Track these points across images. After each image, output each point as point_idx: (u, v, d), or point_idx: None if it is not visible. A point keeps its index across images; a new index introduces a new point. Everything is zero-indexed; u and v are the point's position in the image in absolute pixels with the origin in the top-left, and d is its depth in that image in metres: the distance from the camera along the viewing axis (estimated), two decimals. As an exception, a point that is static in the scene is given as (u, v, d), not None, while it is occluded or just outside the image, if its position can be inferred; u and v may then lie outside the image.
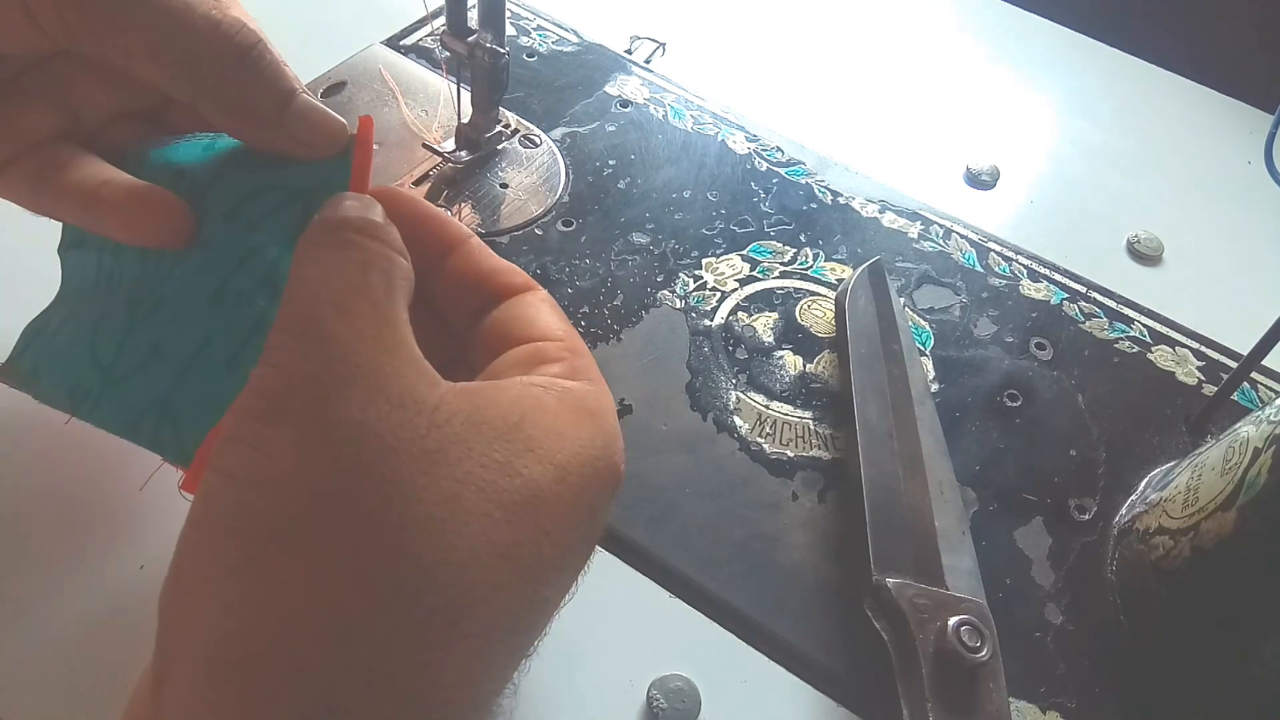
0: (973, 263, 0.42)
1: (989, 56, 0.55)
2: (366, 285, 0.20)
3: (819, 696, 0.28)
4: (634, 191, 0.42)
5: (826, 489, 0.33)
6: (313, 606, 0.17)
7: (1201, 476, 0.29)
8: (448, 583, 0.18)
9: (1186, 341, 0.40)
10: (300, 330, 0.19)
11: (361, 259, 0.20)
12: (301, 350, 0.19)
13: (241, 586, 0.17)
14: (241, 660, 0.17)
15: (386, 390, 0.18)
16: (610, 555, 0.30)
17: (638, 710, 0.27)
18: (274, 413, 0.18)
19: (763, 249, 0.40)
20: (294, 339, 0.19)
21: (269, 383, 0.18)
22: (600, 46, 0.49)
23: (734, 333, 0.37)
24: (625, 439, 0.33)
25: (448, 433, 0.18)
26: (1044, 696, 0.29)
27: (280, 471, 0.18)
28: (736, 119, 0.46)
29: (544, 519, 0.19)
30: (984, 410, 0.36)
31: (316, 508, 0.17)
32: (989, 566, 0.30)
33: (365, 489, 0.17)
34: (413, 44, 0.47)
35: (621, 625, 0.29)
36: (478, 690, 0.19)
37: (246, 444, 0.18)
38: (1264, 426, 0.28)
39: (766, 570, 0.30)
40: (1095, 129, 0.52)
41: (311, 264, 0.20)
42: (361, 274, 0.20)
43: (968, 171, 0.47)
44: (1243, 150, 0.51)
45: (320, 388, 0.18)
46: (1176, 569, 0.29)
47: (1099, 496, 0.34)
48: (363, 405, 0.18)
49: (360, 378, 0.18)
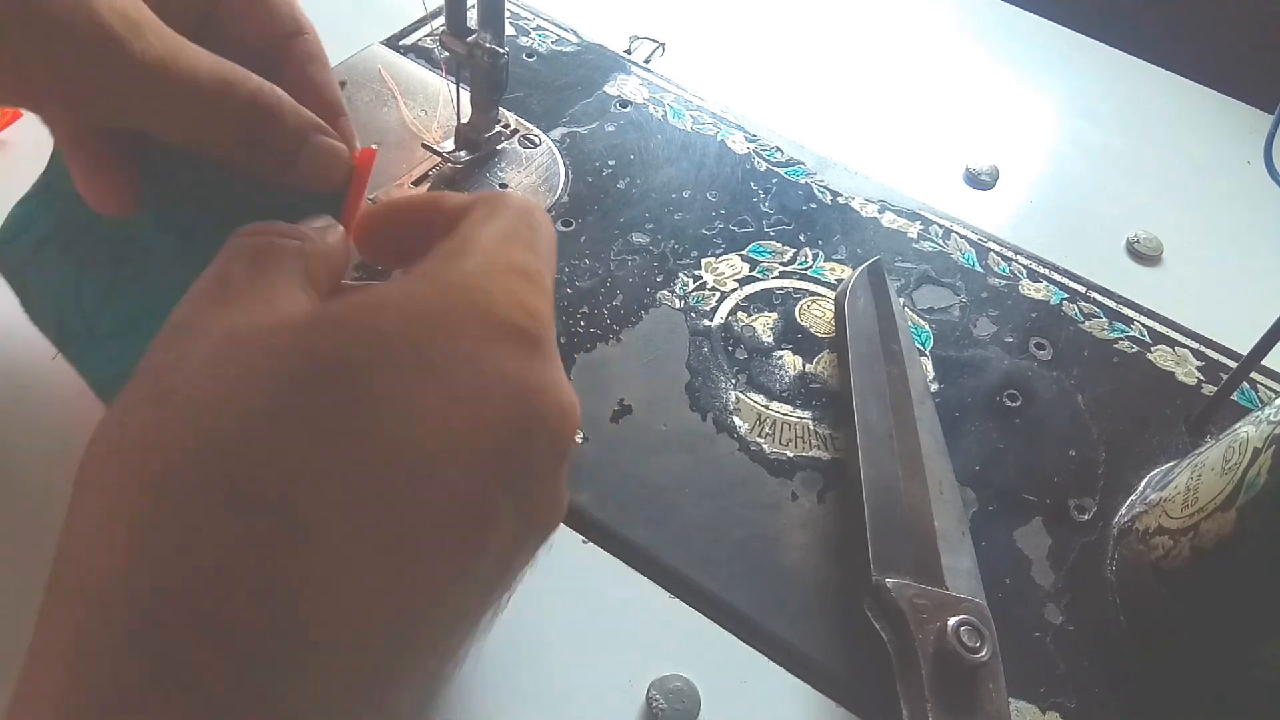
0: (972, 263, 0.42)
1: (989, 56, 0.55)
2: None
3: (818, 696, 0.28)
4: (633, 191, 0.42)
5: (826, 489, 0.33)
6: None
7: (1201, 477, 0.29)
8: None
9: (1186, 341, 0.40)
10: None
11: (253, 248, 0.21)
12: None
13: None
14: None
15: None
16: (609, 555, 0.30)
17: (637, 710, 0.27)
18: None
19: (762, 249, 0.40)
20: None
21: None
22: (600, 46, 0.49)
23: (733, 333, 0.37)
24: (625, 439, 0.33)
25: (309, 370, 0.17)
26: (1044, 696, 0.29)
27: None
28: (736, 119, 0.46)
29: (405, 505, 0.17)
30: (984, 410, 0.36)
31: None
32: (989, 566, 0.30)
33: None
34: (412, 44, 0.47)
35: (621, 625, 0.29)
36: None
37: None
38: (1264, 426, 0.28)
39: (766, 570, 0.30)
40: (1095, 129, 0.52)
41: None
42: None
43: (967, 171, 0.47)
44: (1242, 150, 0.51)
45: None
46: (1176, 569, 0.29)
47: (1099, 496, 0.34)
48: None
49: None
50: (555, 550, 0.30)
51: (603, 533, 0.31)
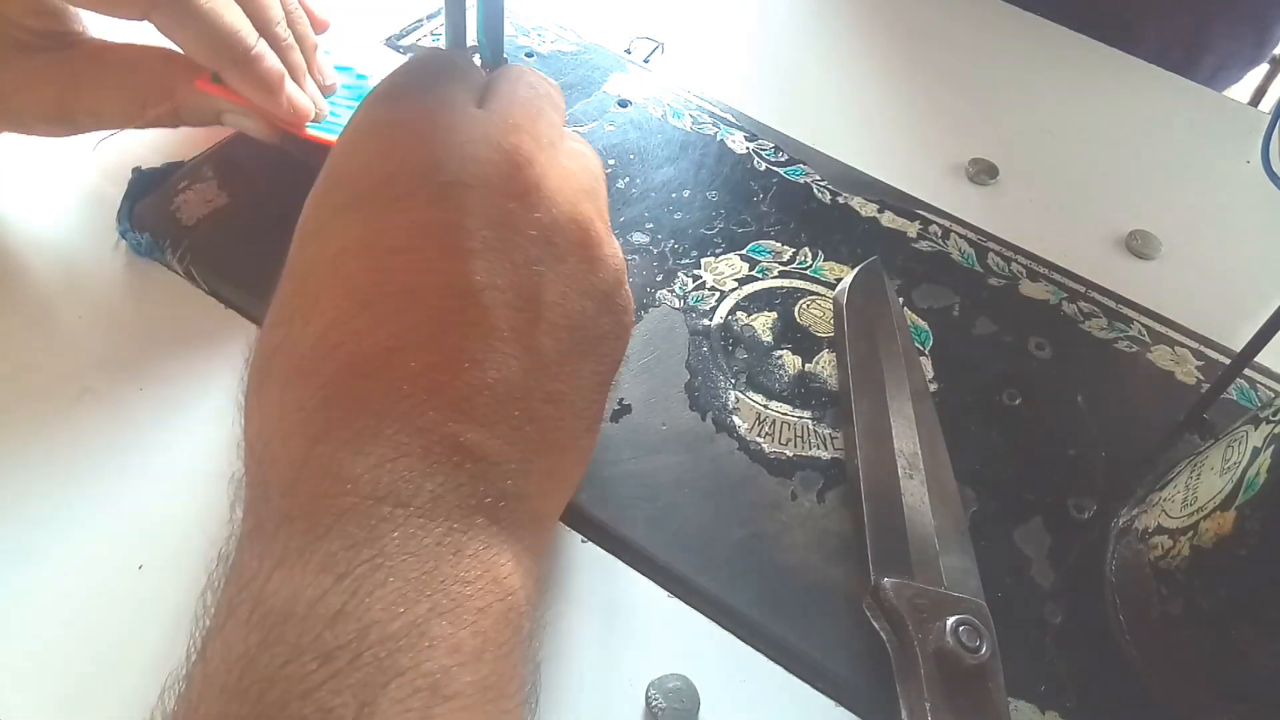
0: (972, 262, 0.42)
1: (989, 56, 0.55)
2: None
3: (818, 696, 0.28)
4: (633, 191, 0.42)
5: (825, 489, 0.33)
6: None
7: (1200, 476, 0.29)
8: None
9: (1186, 341, 0.40)
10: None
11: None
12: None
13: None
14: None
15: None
16: (608, 554, 0.30)
17: (636, 710, 0.27)
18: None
19: (762, 248, 0.40)
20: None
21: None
22: (599, 46, 0.49)
23: (733, 332, 0.37)
24: (624, 438, 0.33)
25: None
26: (1043, 696, 0.29)
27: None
28: (736, 119, 0.46)
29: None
30: (983, 410, 0.36)
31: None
32: (988, 566, 0.30)
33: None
34: (412, 44, 0.47)
35: (619, 625, 0.29)
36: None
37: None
38: (1263, 426, 0.28)
39: (765, 570, 0.30)
40: (1095, 128, 0.52)
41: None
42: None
43: (967, 171, 0.47)
44: (1242, 150, 0.51)
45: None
46: (1175, 568, 0.29)
47: (1098, 496, 0.34)
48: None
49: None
50: (554, 550, 0.30)
51: (601, 532, 0.31)
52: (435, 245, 0.22)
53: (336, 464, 0.20)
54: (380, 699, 0.17)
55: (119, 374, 0.32)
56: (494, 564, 0.21)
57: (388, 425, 0.21)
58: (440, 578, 0.19)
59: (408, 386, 0.21)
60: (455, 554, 0.20)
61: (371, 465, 0.20)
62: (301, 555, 0.19)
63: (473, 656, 0.19)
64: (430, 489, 0.20)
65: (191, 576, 0.27)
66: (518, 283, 0.23)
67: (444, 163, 0.23)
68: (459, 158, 0.23)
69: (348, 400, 0.21)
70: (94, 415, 0.31)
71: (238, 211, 0.37)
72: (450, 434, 0.21)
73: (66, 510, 0.29)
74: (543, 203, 0.24)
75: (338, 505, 0.19)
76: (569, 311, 0.24)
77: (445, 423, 0.21)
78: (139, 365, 0.33)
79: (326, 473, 0.20)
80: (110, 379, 0.32)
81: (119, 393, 0.32)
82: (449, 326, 0.22)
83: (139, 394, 0.32)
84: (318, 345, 0.22)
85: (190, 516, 0.29)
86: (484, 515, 0.21)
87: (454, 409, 0.21)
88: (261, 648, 0.18)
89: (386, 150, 0.23)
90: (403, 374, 0.21)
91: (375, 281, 0.22)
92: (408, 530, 0.19)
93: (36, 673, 0.26)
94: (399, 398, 0.21)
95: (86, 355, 0.33)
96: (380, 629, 0.18)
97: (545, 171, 0.24)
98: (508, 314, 0.22)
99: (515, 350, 0.22)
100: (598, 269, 0.25)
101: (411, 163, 0.23)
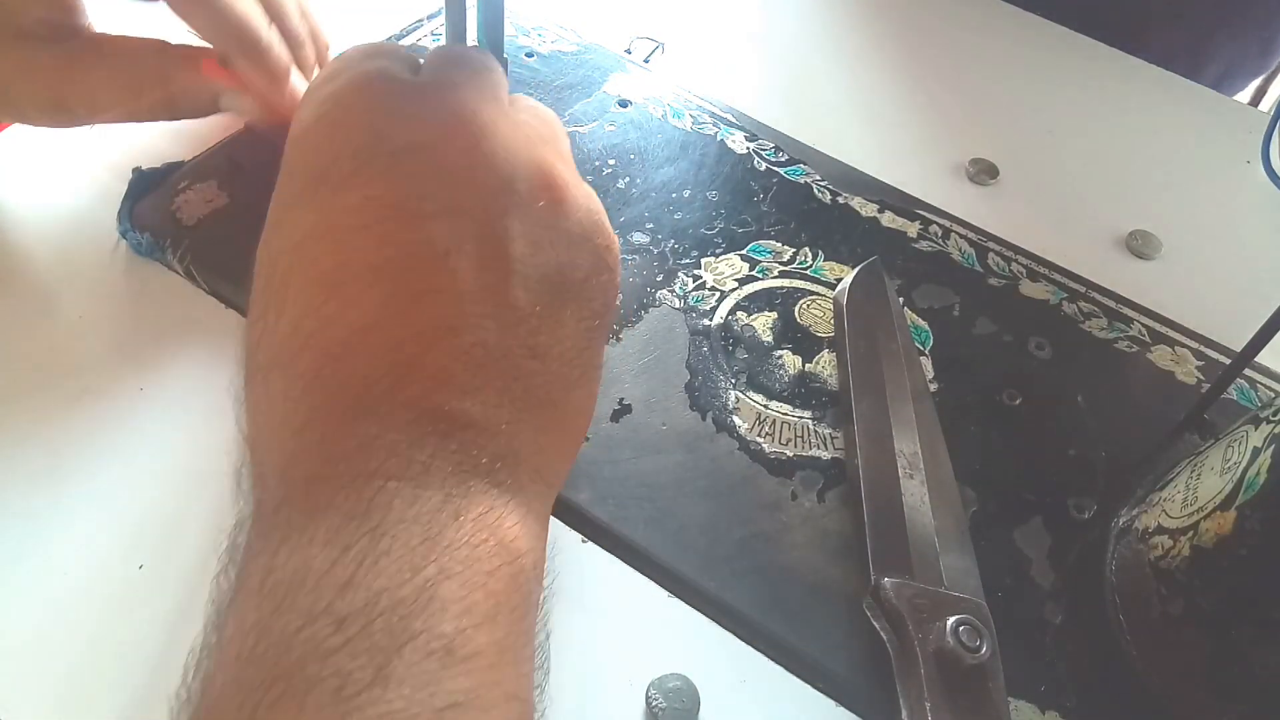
0: (972, 262, 0.42)
1: (989, 56, 0.55)
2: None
3: (818, 696, 0.28)
4: (633, 191, 0.42)
5: (826, 488, 0.33)
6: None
7: (1201, 476, 0.29)
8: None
9: (1186, 341, 0.40)
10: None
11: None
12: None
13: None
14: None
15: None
16: (608, 554, 0.30)
17: (636, 710, 0.27)
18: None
19: (762, 248, 0.40)
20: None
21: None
22: (599, 46, 0.49)
23: (733, 332, 0.37)
24: (624, 438, 0.33)
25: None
26: (1043, 696, 0.29)
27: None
28: (735, 118, 0.46)
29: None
30: (983, 410, 0.36)
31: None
32: (988, 566, 0.30)
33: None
34: (411, 44, 0.47)
35: (619, 625, 0.29)
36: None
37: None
38: (1263, 426, 0.28)
39: (765, 570, 0.30)
40: (1095, 128, 0.52)
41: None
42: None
43: (967, 171, 0.47)
44: (1242, 150, 0.51)
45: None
46: (1176, 568, 0.29)
47: (1098, 496, 0.34)
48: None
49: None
50: (554, 550, 0.30)
51: (601, 532, 0.31)
52: (392, 217, 0.22)
53: (325, 447, 0.20)
54: (395, 662, 0.17)
55: (119, 373, 0.32)
56: (498, 527, 0.21)
57: (369, 405, 0.21)
58: (445, 543, 0.19)
59: (384, 364, 0.21)
60: (456, 519, 0.20)
61: (358, 445, 0.20)
62: (304, 532, 0.19)
63: (486, 618, 0.19)
64: (421, 460, 0.20)
65: (191, 576, 0.27)
66: (482, 240, 0.23)
67: (387, 132, 0.23)
68: (401, 124, 0.23)
69: (328, 385, 0.21)
70: (94, 415, 0.31)
71: (238, 211, 0.37)
72: (433, 405, 0.21)
73: (66, 510, 0.29)
74: (495, 154, 0.23)
75: (331, 484, 0.20)
76: (540, 261, 0.23)
77: (427, 395, 0.21)
78: (139, 365, 0.33)
79: (316, 455, 0.20)
80: (110, 378, 0.32)
81: (119, 392, 0.32)
82: (418, 297, 0.22)
83: (139, 394, 0.32)
84: (292, 336, 0.22)
85: (190, 516, 0.29)
86: (480, 478, 0.21)
87: (433, 380, 0.21)
88: (275, 615, 0.18)
89: (330, 131, 0.23)
90: (377, 352, 0.21)
91: (339, 264, 0.22)
92: (404, 500, 0.20)
93: (36, 672, 0.26)
94: (377, 377, 0.21)
95: (86, 355, 0.33)
96: (390, 595, 0.18)
97: (493, 123, 0.24)
98: (476, 274, 0.22)
99: (488, 309, 0.22)
100: (567, 212, 0.25)
101: (355, 139, 0.23)
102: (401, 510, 0.19)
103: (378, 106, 0.23)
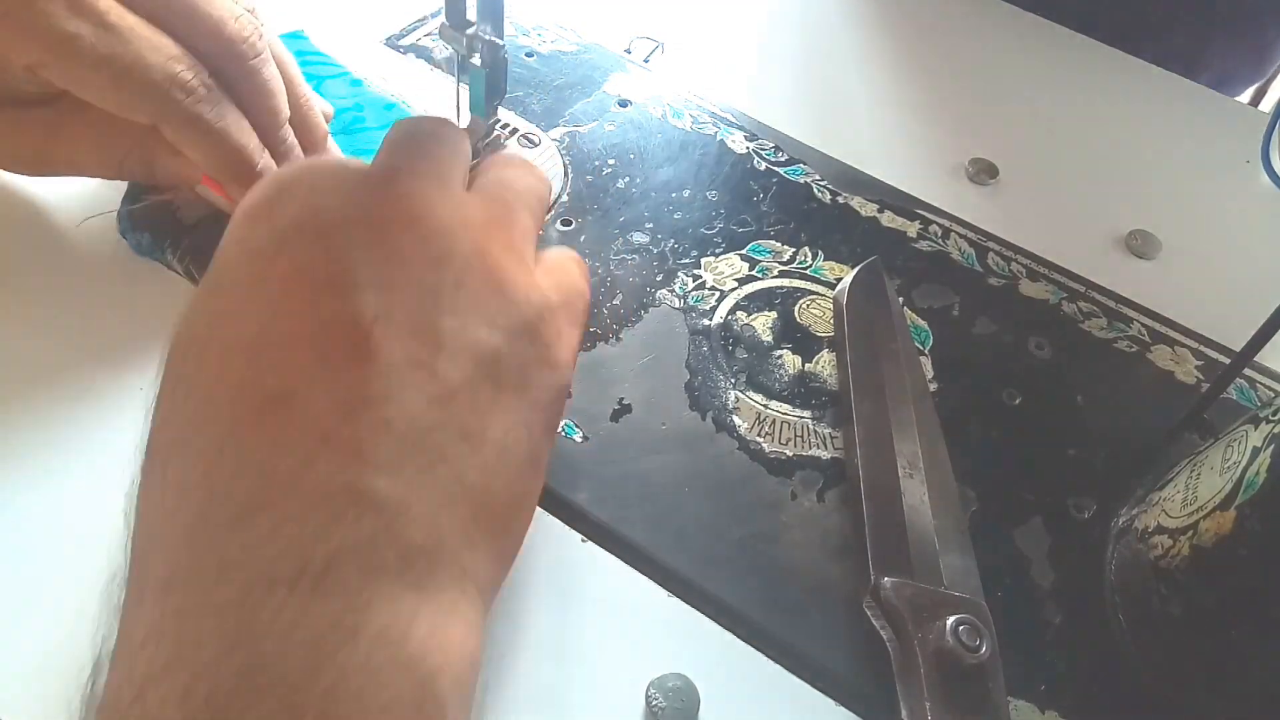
0: (972, 262, 0.42)
1: (989, 56, 0.55)
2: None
3: (818, 696, 0.28)
4: (633, 191, 0.42)
5: (825, 488, 0.33)
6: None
7: (1200, 476, 0.29)
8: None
9: (1185, 341, 0.40)
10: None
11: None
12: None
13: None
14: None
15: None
16: (608, 554, 0.30)
17: (636, 710, 0.27)
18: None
19: (762, 248, 0.40)
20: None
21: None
22: (599, 46, 0.49)
23: (733, 332, 0.37)
24: (624, 438, 0.33)
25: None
26: (1043, 696, 0.29)
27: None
28: (736, 118, 0.46)
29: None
30: (983, 410, 0.36)
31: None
32: (988, 566, 0.30)
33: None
34: (412, 44, 0.47)
35: (620, 624, 0.29)
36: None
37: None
38: (1263, 425, 0.28)
39: (765, 569, 0.30)
40: (1095, 128, 0.52)
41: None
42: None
43: (967, 171, 0.47)
44: (1242, 150, 0.51)
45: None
46: (1175, 568, 0.29)
47: (1098, 496, 0.34)
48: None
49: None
50: (554, 549, 0.30)
51: (601, 531, 0.31)
52: (321, 287, 0.21)
53: (218, 546, 0.18)
54: None
55: (119, 373, 0.32)
56: (404, 642, 0.18)
57: (274, 487, 0.19)
58: (334, 670, 0.17)
59: (297, 437, 0.19)
60: (352, 637, 0.18)
61: (253, 541, 0.18)
62: (168, 672, 0.17)
63: None
64: (322, 555, 0.18)
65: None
66: (412, 313, 0.22)
67: (323, 207, 0.23)
68: (338, 202, 0.23)
69: (231, 466, 0.19)
70: (94, 414, 0.31)
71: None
72: (346, 483, 0.19)
73: (66, 509, 0.29)
74: (431, 235, 0.23)
75: (214, 600, 0.18)
76: (470, 341, 0.23)
77: (340, 472, 0.19)
78: (139, 365, 0.33)
79: (206, 559, 0.18)
80: (110, 378, 0.32)
81: (119, 392, 0.32)
82: (342, 365, 0.20)
83: (139, 394, 0.32)
84: (202, 407, 0.20)
85: (190, 516, 0.29)
86: (390, 578, 0.19)
87: (350, 454, 0.19)
88: None
89: (269, 208, 0.23)
90: (291, 424, 0.20)
91: (261, 330, 0.21)
92: (292, 616, 0.18)
93: (37, 672, 0.26)
94: (285, 453, 0.19)
95: (86, 355, 0.33)
96: None
97: (431, 205, 0.24)
98: (404, 344, 0.21)
99: (417, 381, 0.21)
100: (506, 296, 0.24)
101: (291, 213, 0.23)
102: (288, 631, 0.17)
103: (318, 187, 0.23)
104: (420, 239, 0.23)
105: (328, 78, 0.42)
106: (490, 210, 0.26)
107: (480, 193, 0.27)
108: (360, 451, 0.20)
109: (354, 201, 0.23)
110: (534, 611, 0.29)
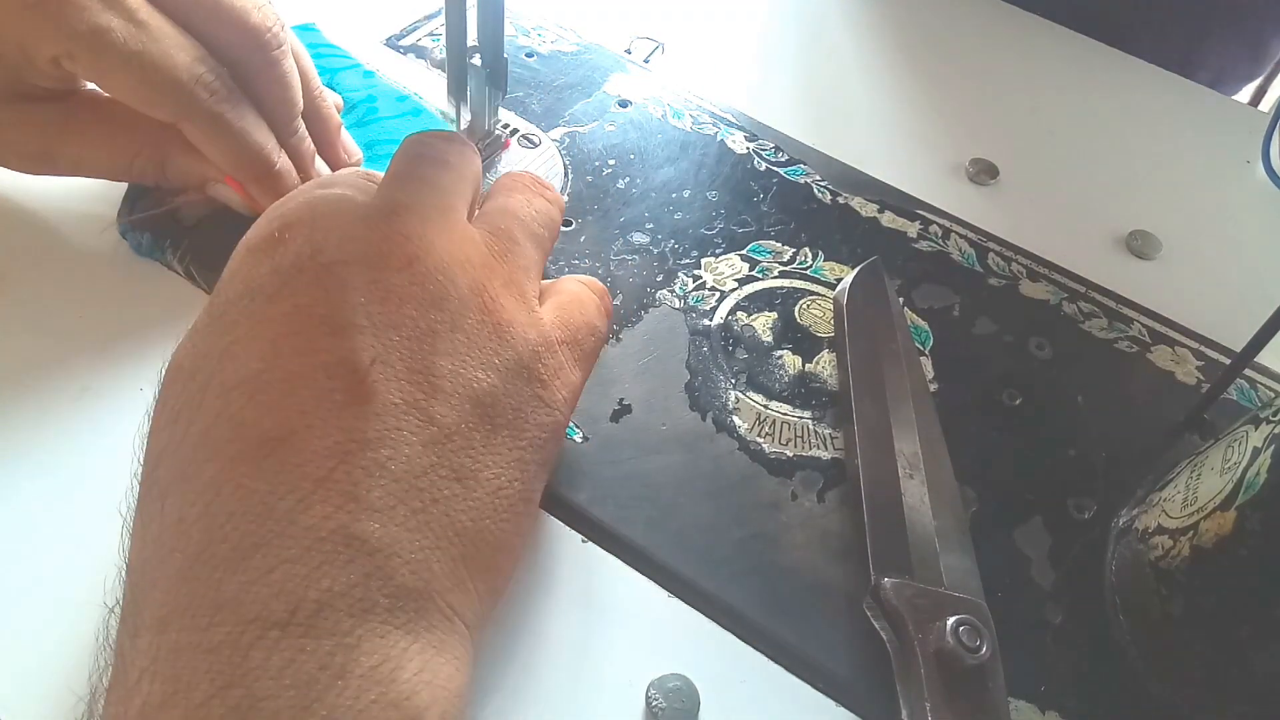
0: (972, 262, 0.42)
1: (989, 56, 0.55)
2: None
3: (818, 696, 0.28)
4: (633, 191, 0.42)
5: (826, 488, 0.33)
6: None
7: (1200, 476, 0.29)
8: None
9: (1186, 341, 0.40)
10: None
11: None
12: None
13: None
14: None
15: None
16: (608, 554, 0.30)
17: (636, 710, 0.27)
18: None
19: (762, 249, 0.40)
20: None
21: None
22: (599, 46, 0.49)
23: (733, 332, 0.37)
24: (624, 438, 0.33)
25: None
26: (1044, 696, 0.29)
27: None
28: (736, 118, 0.46)
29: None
30: (983, 410, 0.36)
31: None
32: (988, 566, 0.30)
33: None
34: (412, 44, 0.47)
35: (620, 625, 0.29)
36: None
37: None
38: (1263, 426, 0.28)
39: (765, 570, 0.30)
40: (1095, 128, 0.52)
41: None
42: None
43: (967, 171, 0.47)
44: (1242, 150, 0.51)
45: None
46: (1176, 568, 0.29)
47: (1098, 496, 0.34)
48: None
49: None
50: (554, 549, 0.30)
51: (602, 532, 0.31)
52: (319, 325, 0.22)
53: (213, 585, 0.19)
54: None
55: (119, 374, 0.32)
56: (391, 682, 0.19)
57: (269, 528, 0.19)
58: (325, 708, 0.18)
59: (293, 478, 0.20)
60: (342, 676, 0.18)
61: (247, 581, 0.19)
62: (163, 710, 0.18)
63: None
64: (314, 597, 0.19)
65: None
66: (409, 355, 0.22)
67: (323, 245, 0.23)
68: (338, 240, 0.23)
69: (229, 505, 0.20)
70: (94, 415, 0.31)
71: (238, 212, 0.37)
72: (339, 526, 0.20)
73: (66, 509, 0.29)
74: (429, 274, 0.23)
75: (208, 640, 0.18)
76: (466, 380, 0.23)
77: (333, 515, 0.20)
78: (139, 365, 0.33)
79: (201, 598, 0.19)
80: (110, 379, 0.32)
81: (119, 392, 0.32)
82: (339, 407, 0.21)
83: (139, 394, 0.32)
84: (201, 444, 0.21)
85: (190, 516, 0.29)
86: (379, 619, 0.19)
87: (344, 496, 0.20)
88: None
89: (270, 245, 0.23)
90: (288, 465, 0.20)
91: (262, 369, 0.21)
92: (284, 657, 0.18)
93: (37, 673, 0.26)
94: (282, 494, 0.20)
95: (86, 355, 0.33)
96: None
97: (431, 243, 0.24)
98: (400, 387, 0.22)
99: (412, 424, 0.21)
100: (503, 337, 0.24)
101: (292, 251, 0.23)
102: (279, 672, 0.18)
103: (319, 224, 0.23)
104: (417, 279, 0.23)
105: (340, 69, 0.42)
106: (491, 245, 0.26)
107: (484, 223, 0.27)
108: (354, 494, 0.20)
109: (354, 239, 0.23)
110: (534, 612, 0.29)
